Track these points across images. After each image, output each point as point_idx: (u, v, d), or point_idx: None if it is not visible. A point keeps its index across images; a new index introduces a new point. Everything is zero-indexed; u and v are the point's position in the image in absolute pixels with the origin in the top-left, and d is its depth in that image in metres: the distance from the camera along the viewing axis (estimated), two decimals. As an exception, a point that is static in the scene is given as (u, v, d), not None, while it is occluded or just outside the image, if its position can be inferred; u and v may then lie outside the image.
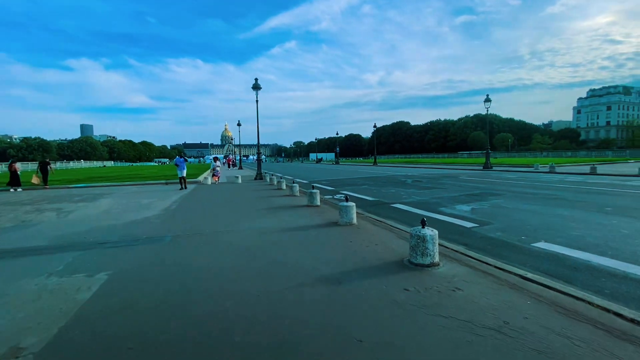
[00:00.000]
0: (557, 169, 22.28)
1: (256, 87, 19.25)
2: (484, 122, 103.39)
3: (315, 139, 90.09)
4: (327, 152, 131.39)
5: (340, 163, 59.60)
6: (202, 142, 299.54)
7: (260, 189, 13.56)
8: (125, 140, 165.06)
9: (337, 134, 61.44)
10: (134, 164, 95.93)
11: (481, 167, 28.12)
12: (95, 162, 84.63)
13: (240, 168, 40.76)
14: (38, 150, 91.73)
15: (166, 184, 17.57)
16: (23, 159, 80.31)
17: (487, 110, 28.78)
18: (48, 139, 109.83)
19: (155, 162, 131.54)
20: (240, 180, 17.33)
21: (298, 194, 10.92)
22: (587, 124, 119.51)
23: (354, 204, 6.24)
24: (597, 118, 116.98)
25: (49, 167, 17.42)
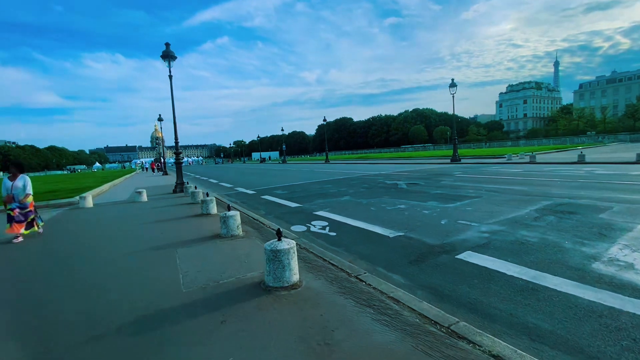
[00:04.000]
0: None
1: (167, 55, 12.95)
2: (422, 116, 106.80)
3: (258, 137, 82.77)
4: (271, 150, 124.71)
5: (288, 162, 54.18)
6: (129, 144, 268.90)
7: (167, 218, 7.64)
8: (26, 145, 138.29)
9: (282, 130, 55.68)
10: (29, 175, 78.06)
11: (449, 160, 25.38)
12: (-30, 174, 66.08)
13: (165, 173, 32.94)
14: None
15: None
16: None
17: (453, 97, 25.85)
18: None
19: (66, 170, 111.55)
20: (144, 197, 11.00)
21: (240, 231, 5.41)
22: (508, 116, 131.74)
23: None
24: (516, 111, 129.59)
25: None
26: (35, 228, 6.25)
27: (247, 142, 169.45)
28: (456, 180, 11.62)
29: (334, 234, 5.48)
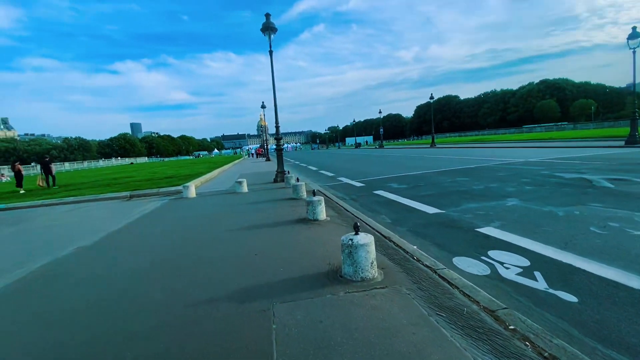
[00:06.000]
0: None
1: (268, 27, 11.50)
2: (553, 88, 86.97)
3: (354, 121, 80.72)
4: (365, 135, 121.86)
5: (385, 147, 50.69)
6: (240, 133, 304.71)
7: (264, 222, 5.89)
8: (165, 135, 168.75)
9: (379, 112, 52.06)
10: (165, 159, 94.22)
11: (622, 142, 18.23)
12: (127, 159, 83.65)
13: (268, 159, 33.93)
14: (79, 150, 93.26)
15: (129, 197, 10.70)
16: (65, 159, 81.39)
17: (634, 54, 18.31)
18: (104, 139, 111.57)
19: (192, 156, 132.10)
20: (244, 188, 9.90)
21: (374, 271, 3.08)
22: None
23: None
24: None
25: (51, 166, 16.34)
26: None
27: (340, 128, 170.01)
28: None
29: (573, 298, 2.64)
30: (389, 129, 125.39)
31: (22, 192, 14.80)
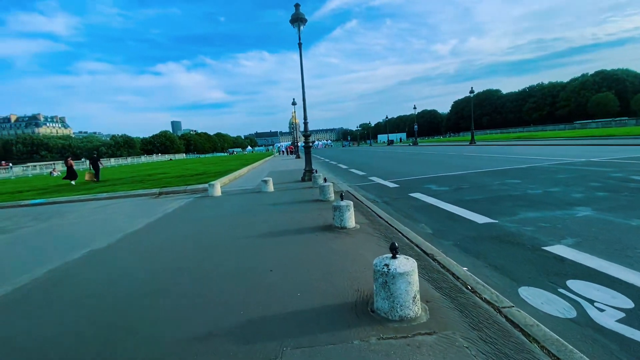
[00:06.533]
0: None
1: (297, 18, 10.95)
2: (611, 80, 78.74)
3: (386, 117, 78.48)
4: (397, 132, 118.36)
5: (419, 144, 48.63)
6: (272, 130, 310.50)
7: (286, 228, 5.30)
8: (201, 132, 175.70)
9: (414, 107, 49.90)
10: (200, 156, 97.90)
11: None
12: (167, 155, 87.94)
13: (298, 157, 33.72)
14: (124, 147, 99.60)
15: (157, 195, 10.70)
16: (112, 155, 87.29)
17: None
18: (146, 137, 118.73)
19: (227, 152, 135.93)
20: (270, 187, 9.45)
21: (417, 308, 2.36)
22: None
23: None
24: None
25: (99, 162, 17.68)
26: None
27: (372, 125, 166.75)
28: None
29: None
30: (423, 125, 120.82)
31: (73, 183, 16.49)
